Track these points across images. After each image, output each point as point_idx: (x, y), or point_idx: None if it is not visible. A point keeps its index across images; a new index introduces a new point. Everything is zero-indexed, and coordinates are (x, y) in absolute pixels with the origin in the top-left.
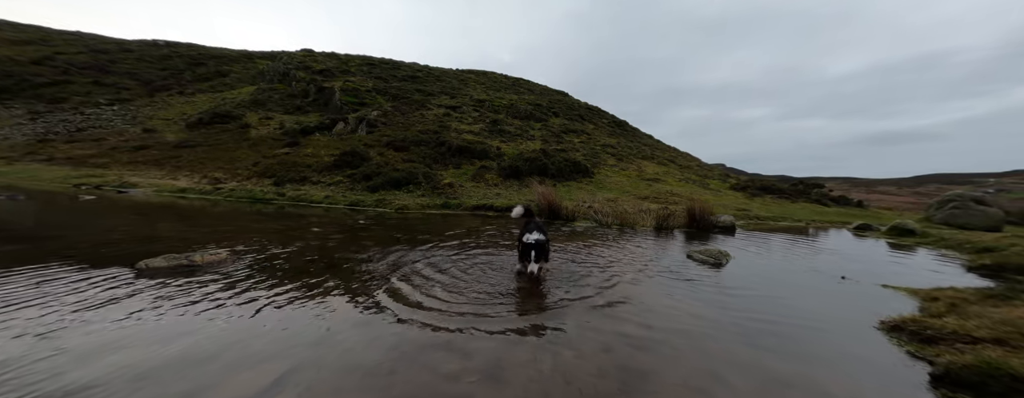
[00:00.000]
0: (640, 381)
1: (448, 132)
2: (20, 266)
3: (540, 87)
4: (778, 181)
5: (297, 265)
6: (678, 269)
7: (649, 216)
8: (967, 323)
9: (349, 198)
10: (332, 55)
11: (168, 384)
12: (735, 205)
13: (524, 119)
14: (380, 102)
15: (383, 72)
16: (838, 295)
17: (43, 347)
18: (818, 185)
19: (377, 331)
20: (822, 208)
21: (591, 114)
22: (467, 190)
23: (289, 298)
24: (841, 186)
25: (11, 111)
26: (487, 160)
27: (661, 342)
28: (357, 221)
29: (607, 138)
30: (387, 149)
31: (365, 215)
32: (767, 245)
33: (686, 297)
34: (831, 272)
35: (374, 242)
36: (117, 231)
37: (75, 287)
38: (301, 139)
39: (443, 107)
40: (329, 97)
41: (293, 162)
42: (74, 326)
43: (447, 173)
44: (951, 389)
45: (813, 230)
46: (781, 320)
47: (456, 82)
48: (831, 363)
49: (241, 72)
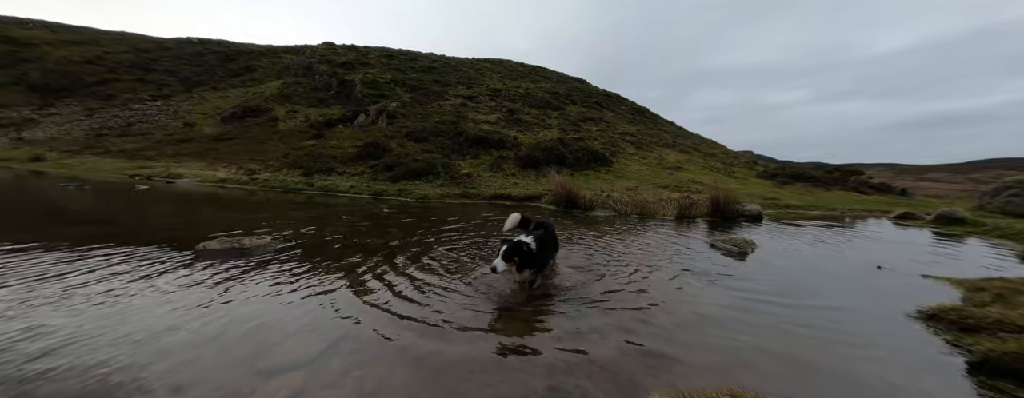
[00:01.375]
0: (665, 368)
1: (465, 122)
2: (100, 244)
3: (557, 75)
4: (811, 168)
5: (333, 249)
6: (699, 258)
7: (670, 205)
8: (1013, 313)
9: (372, 188)
10: (352, 47)
11: (238, 346)
12: (763, 194)
13: (541, 108)
14: (399, 93)
15: (401, 63)
16: (873, 284)
17: (136, 318)
18: (857, 172)
19: (406, 309)
20: (860, 196)
21: (610, 101)
22: (485, 180)
23: (329, 277)
24: (884, 173)
25: (70, 108)
26: (504, 150)
27: (687, 327)
28: (381, 210)
29: (627, 126)
30: (407, 140)
31: (388, 204)
32: (797, 234)
33: (707, 285)
34: (867, 262)
35: (399, 229)
36: (173, 217)
37: (147, 263)
38: (326, 131)
39: (460, 97)
40: (350, 89)
41: (319, 153)
42: (153, 296)
43: (465, 163)
44: (990, 376)
45: (849, 219)
46: (811, 308)
47: (472, 72)
48: (862, 351)
49: (268, 67)
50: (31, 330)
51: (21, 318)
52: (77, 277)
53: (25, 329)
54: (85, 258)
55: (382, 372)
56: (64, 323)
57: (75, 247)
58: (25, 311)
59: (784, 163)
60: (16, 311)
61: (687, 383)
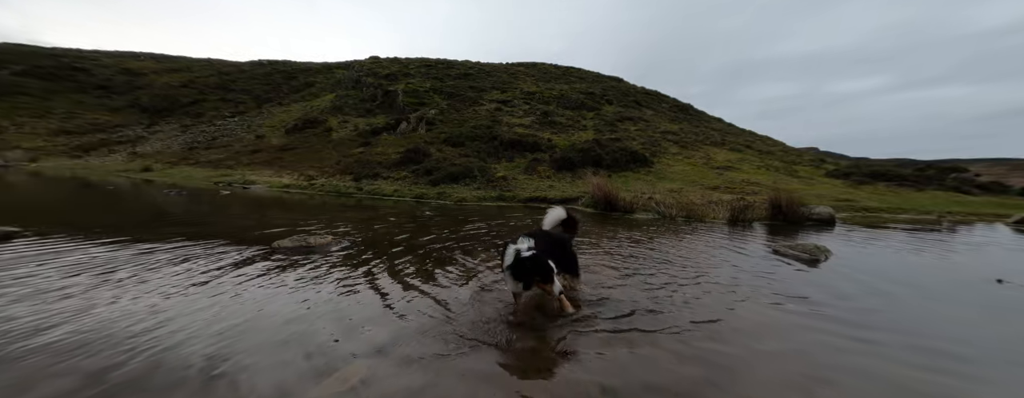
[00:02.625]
0: (729, 383)
1: (500, 126)
2: (198, 240)
3: (592, 74)
4: (895, 166)
5: (384, 248)
6: (761, 264)
7: (721, 207)
8: None
9: (414, 191)
10: (395, 60)
11: (318, 333)
12: (834, 195)
13: (575, 109)
14: (437, 101)
15: (438, 72)
16: (995, 301)
17: (231, 303)
18: (958, 169)
19: (463, 310)
20: (963, 197)
21: (649, 99)
22: (520, 183)
23: (385, 274)
24: (993, 169)
25: (169, 125)
26: (539, 152)
27: (757, 351)
28: (423, 212)
29: (668, 124)
30: (445, 145)
31: (429, 207)
32: (881, 241)
33: (772, 290)
34: (981, 275)
35: (442, 229)
36: (250, 218)
37: (236, 257)
38: (372, 139)
39: (494, 102)
40: (393, 99)
41: (367, 160)
42: (242, 285)
43: (500, 166)
44: None
45: (949, 224)
46: (912, 325)
47: (506, 76)
48: (991, 378)
49: (323, 82)
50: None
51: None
52: (186, 265)
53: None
54: (188, 253)
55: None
56: (207, 303)
57: (181, 242)
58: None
59: (858, 160)
60: (174, 291)
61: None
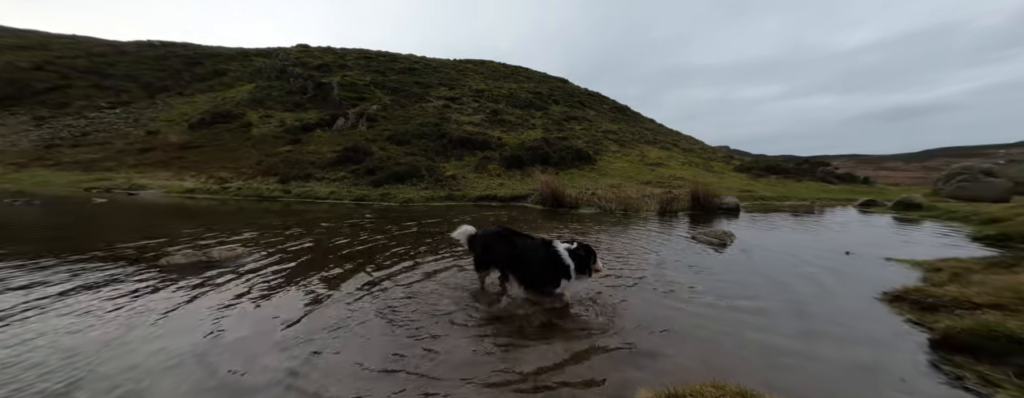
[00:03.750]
0: (660, 339)
1: (448, 124)
2: (56, 262)
3: (539, 75)
4: (783, 161)
5: (310, 259)
6: (682, 250)
7: (653, 201)
8: (968, 290)
9: (354, 193)
10: (328, 49)
11: (208, 365)
12: (739, 187)
13: (524, 108)
14: (379, 96)
15: (380, 65)
16: (842, 269)
17: (95, 333)
18: (824, 163)
19: (388, 325)
20: (827, 186)
21: (592, 100)
22: (470, 181)
23: (306, 289)
24: (848, 164)
25: (17, 118)
26: (489, 151)
27: (670, 320)
28: (363, 215)
29: (609, 124)
30: (388, 143)
31: (371, 209)
32: (771, 224)
33: (690, 275)
34: (836, 247)
35: (382, 235)
36: (136, 231)
37: (108, 281)
38: (303, 136)
39: (442, 99)
40: (328, 93)
41: (296, 159)
42: (110, 317)
43: (449, 165)
44: (949, 352)
45: (818, 208)
46: (785, 292)
47: (454, 73)
48: (832, 330)
49: (239, 70)
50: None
51: None
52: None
53: None
54: (23, 275)
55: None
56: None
57: (14, 264)
58: None
59: (758, 156)
60: None
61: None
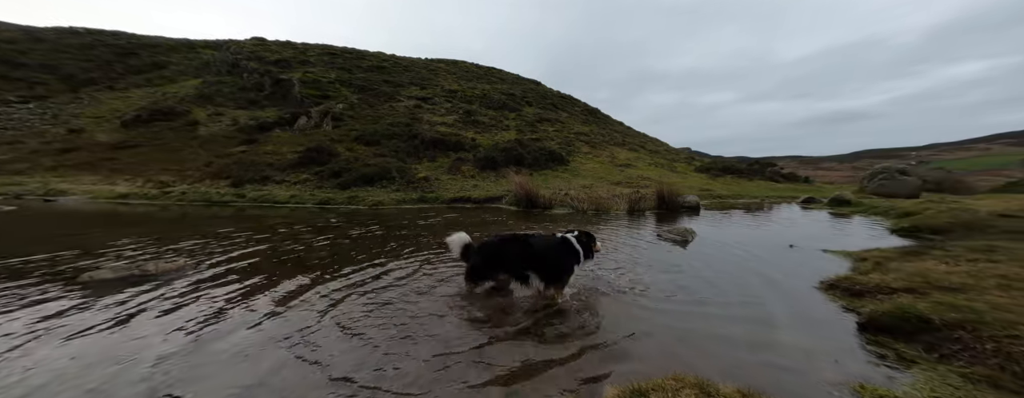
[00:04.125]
0: (627, 338)
1: (420, 124)
2: None
3: (512, 76)
4: (737, 162)
5: (263, 270)
6: (649, 248)
7: (622, 200)
8: (887, 277)
9: (318, 196)
10: (288, 44)
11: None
12: (700, 186)
13: (498, 109)
14: (345, 94)
15: (346, 62)
16: (786, 261)
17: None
18: (771, 164)
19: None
20: (775, 185)
21: (564, 102)
22: (443, 183)
23: (254, 303)
24: (791, 164)
25: None
26: (462, 152)
27: (636, 318)
28: (327, 220)
29: (580, 126)
30: (356, 144)
31: (336, 213)
32: (727, 221)
33: (655, 272)
34: (781, 241)
35: (346, 240)
36: (50, 242)
37: (13, 302)
38: (259, 136)
39: (413, 98)
40: (287, 90)
41: (252, 161)
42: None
43: (422, 166)
44: (873, 333)
45: (767, 205)
46: (739, 285)
47: (426, 72)
48: (777, 318)
49: (182, 63)
50: None
51: None
52: None
53: None
54: None
55: None
56: None
57: None
58: None
59: (716, 158)
60: None
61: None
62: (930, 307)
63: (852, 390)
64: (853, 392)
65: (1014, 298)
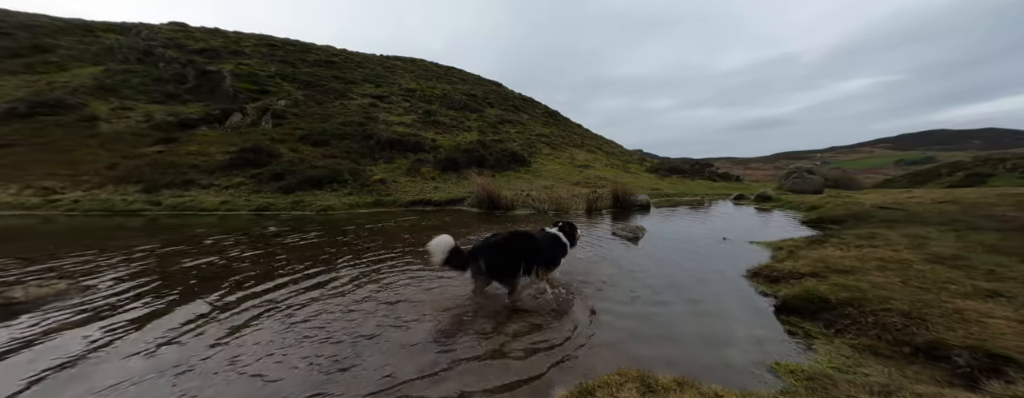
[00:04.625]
0: (579, 333)
1: (376, 124)
2: None
3: (473, 77)
4: (681, 163)
5: (166, 291)
6: (604, 245)
7: (581, 200)
8: (797, 264)
9: (255, 202)
10: (216, 31)
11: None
12: (650, 185)
13: (459, 110)
14: (288, 90)
15: (289, 55)
16: (720, 253)
17: None
18: (710, 165)
19: None
20: (712, 183)
21: (525, 104)
22: (402, 185)
23: (134, 339)
24: (726, 164)
25: None
26: (422, 153)
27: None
28: (266, 228)
29: (541, 128)
30: (302, 144)
31: (277, 221)
32: (673, 217)
33: (608, 263)
34: (717, 235)
35: (283, 250)
36: None
37: None
38: (181, 134)
39: (368, 96)
40: (216, 83)
41: (170, 162)
42: None
43: (378, 168)
44: (787, 314)
45: (707, 202)
46: (679, 278)
47: (381, 69)
48: (709, 304)
49: (75, 48)
50: None
51: None
52: None
53: None
54: None
55: None
56: None
57: None
58: None
59: (664, 159)
60: None
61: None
62: (828, 289)
63: (769, 368)
64: (770, 369)
65: (888, 277)
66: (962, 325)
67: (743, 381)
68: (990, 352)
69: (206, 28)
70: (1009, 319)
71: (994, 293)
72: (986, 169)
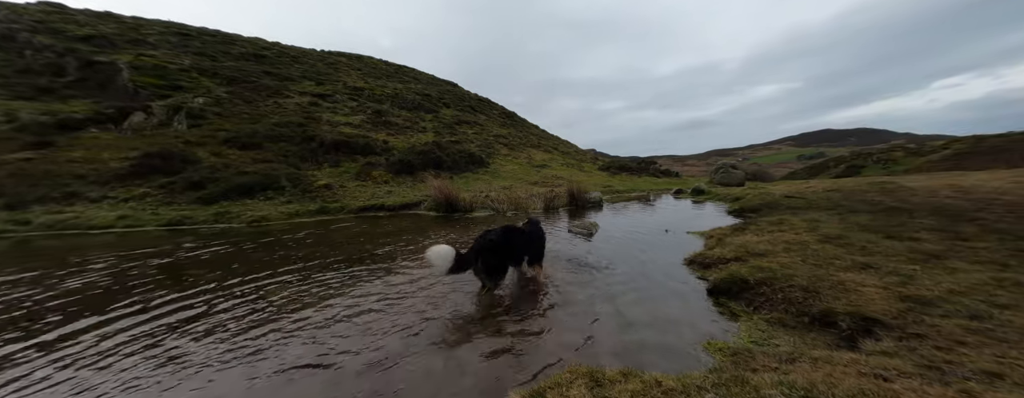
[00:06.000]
0: (534, 333)
1: (318, 125)
2: None
3: (427, 76)
4: (630, 161)
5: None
6: (561, 242)
7: (539, 199)
8: (724, 250)
9: (165, 216)
10: (108, 16)
11: None
12: (602, 183)
13: (413, 110)
14: (208, 86)
15: (207, 47)
16: (662, 243)
17: None
18: (653, 162)
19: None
20: (656, 179)
21: (482, 105)
22: (350, 190)
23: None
24: (668, 162)
25: None
26: (373, 155)
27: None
28: (179, 246)
29: (499, 129)
30: (226, 147)
31: (195, 236)
32: (623, 212)
33: (564, 265)
34: (660, 227)
35: (196, 276)
36: None
37: None
38: (59, 137)
39: (308, 95)
40: (109, 76)
41: (44, 171)
42: None
43: (322, 173)
44: (717, 297)
45: (652, 196)
46: (625, 266)
47: (322, 65)
48: (651, 289)
49: None
50: None
51: None
52: None
53: None
54: None
55: None
56: None
57: None
58: None
59: (614, 157)
60: None
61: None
62: (748, 271)
63: (703, 347)
64: (704, 349)
65: (792, 257)
66: (844, 294)
67: (681, 362)
68: (864, 316)
69: (93, 11)
70: (876, 287)
71: (866, 265)
72: (859, 162)
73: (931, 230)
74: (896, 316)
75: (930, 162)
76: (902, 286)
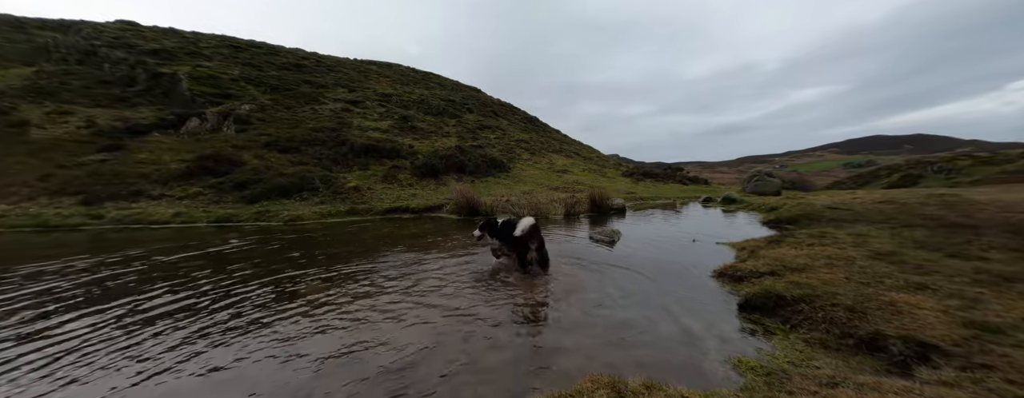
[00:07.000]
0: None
1: (350, 130)
2: None
3: (451, 82)
4: (655, 167)
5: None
6: (581, 251)
7: (560, 205)
8: (757, 263)
9: (214, 213)
10: (171, 31)
11: None
12: (625, 189)
13: (437, 115)
14: (253, 94)
15: (254, 58)
16: (690, 253)
17: None
18: (680, 169)
19: None
20: (683, 187)
21: (504, 110)
22: (377, 193)
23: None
24: (695, 168)
25: None
26: (399, 159)
27: (569, 315)
28: (227, 241)
29: (520, 134)
30: (268, 150)
31: (239, 232)
32: (647, 220)
33: (585, 269)
34: (687, 237)
35: (244, 267)
36: None
37: None
38: (129, 141)
39: (341, 102)
40: (171, 86)
41: (116, 172)
42: None
43: (352, 175)
44: (748, 312)
45: (678, 204)
46: (652, 281)
47: (354, 73)
48: (681, 309)
49: (3, 47)
50: None
51: None
52: None
53: None
54: None
55: None
56: None
57: None
58: None
59: (639, 163)
60: None
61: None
62: (784, 287)
63: (733, 365)
64: (734, 367)
65: (835, 273)
66: (896, 317)
67: (708, 380)
68: (920, 341)
69: (159, 27)
70: (934, 309)
71: (922, 286)
72: (917, 171)
73: (1002, 249)
74: (958, 343)
75: (1005, 173)
76: (965, 310)
